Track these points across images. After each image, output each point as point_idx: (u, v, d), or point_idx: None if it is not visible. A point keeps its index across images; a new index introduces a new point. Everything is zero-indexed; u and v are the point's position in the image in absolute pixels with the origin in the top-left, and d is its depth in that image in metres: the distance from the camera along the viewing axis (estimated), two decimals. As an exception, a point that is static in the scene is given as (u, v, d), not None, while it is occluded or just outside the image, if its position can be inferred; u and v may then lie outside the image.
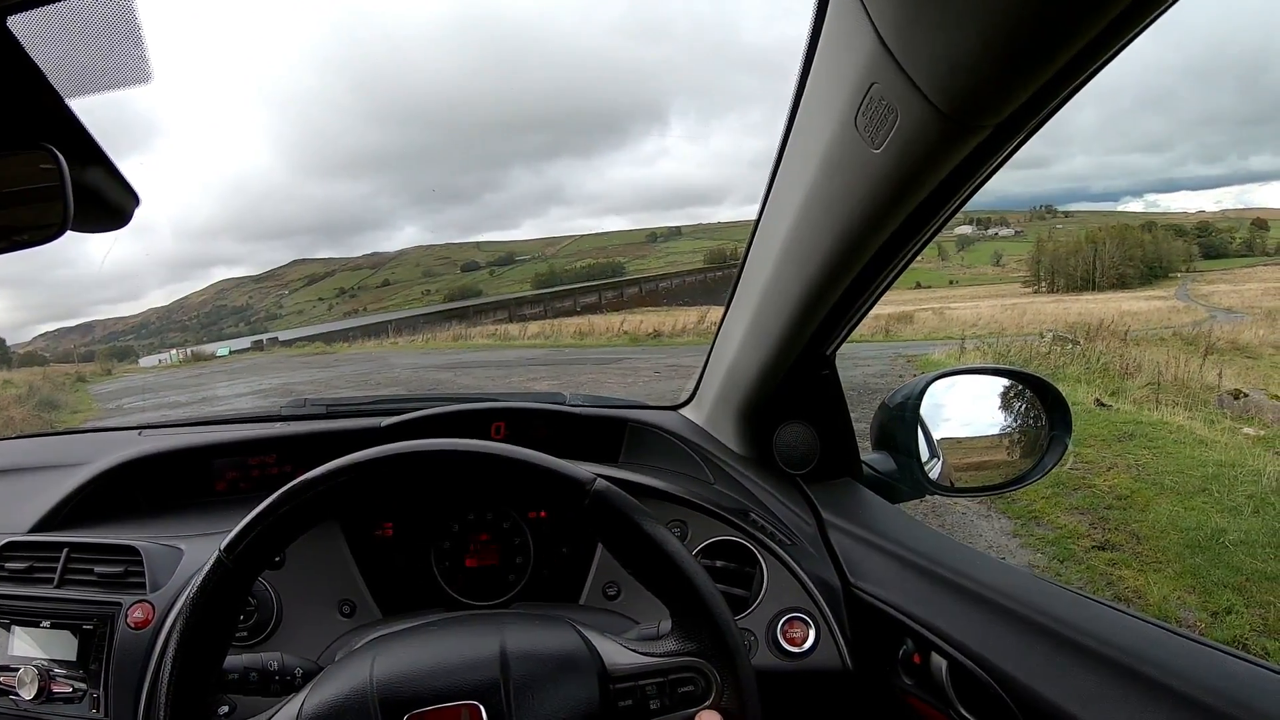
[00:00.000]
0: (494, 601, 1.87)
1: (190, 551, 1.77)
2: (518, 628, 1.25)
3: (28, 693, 1.62)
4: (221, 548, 1.17)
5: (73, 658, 1.65)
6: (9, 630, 1.70)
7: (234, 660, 1.26)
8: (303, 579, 1.74)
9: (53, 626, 1.68)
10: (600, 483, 1.19)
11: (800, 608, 1.74)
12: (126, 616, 1.65)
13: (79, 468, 2.11)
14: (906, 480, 2.05)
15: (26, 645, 1.68)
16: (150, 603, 1.66)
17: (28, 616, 1.70)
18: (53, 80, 1.08)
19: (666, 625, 1.26)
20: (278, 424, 2.33)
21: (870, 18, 1.01)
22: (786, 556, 1.79)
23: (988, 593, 1.50)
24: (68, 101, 1.11)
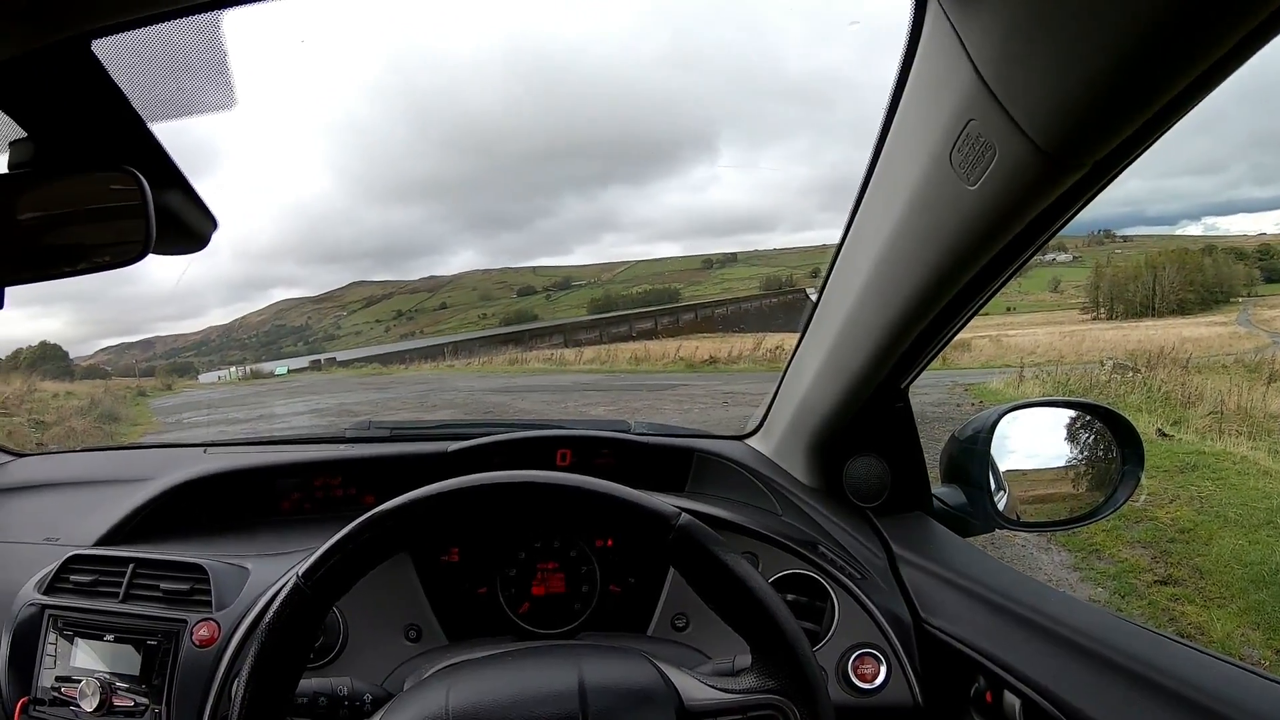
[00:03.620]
0: (559, 630, 1.85)
1: (256, 571, 1.77)
2: (595, 661, 1.24)
3: (89, 704, 1.61)
4: (300, 574, 1.16)
5: (135, 672, 1.66)
6: (72, 642, 1.70)
7: (303, 684, 1.26)
8: (369, 603, 1.73)
9: (116, 640, 1.69)
10: (684, 517, 1.17)
11: (871, 643, 1.71)
12: (191, 634, 1.65)
13: (145, 483, 2.13)
14: (977, 514, 2.01)
15: (89, 657, 1.68)
16: (216, 621, 1.67)
17: (91, 629, 1.70)
18: (135, 104, 1.10)
19: (743, 660, 1.24)
20: (342, 445, 2.35)
21: (969, 55, 1.00)
22: (858, 590, 1.76)
23: (1063, 630, 1.47)
24: (149, 125, 1.13)
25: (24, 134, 1.11)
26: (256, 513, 2.19)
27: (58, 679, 1.68)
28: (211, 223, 1.30)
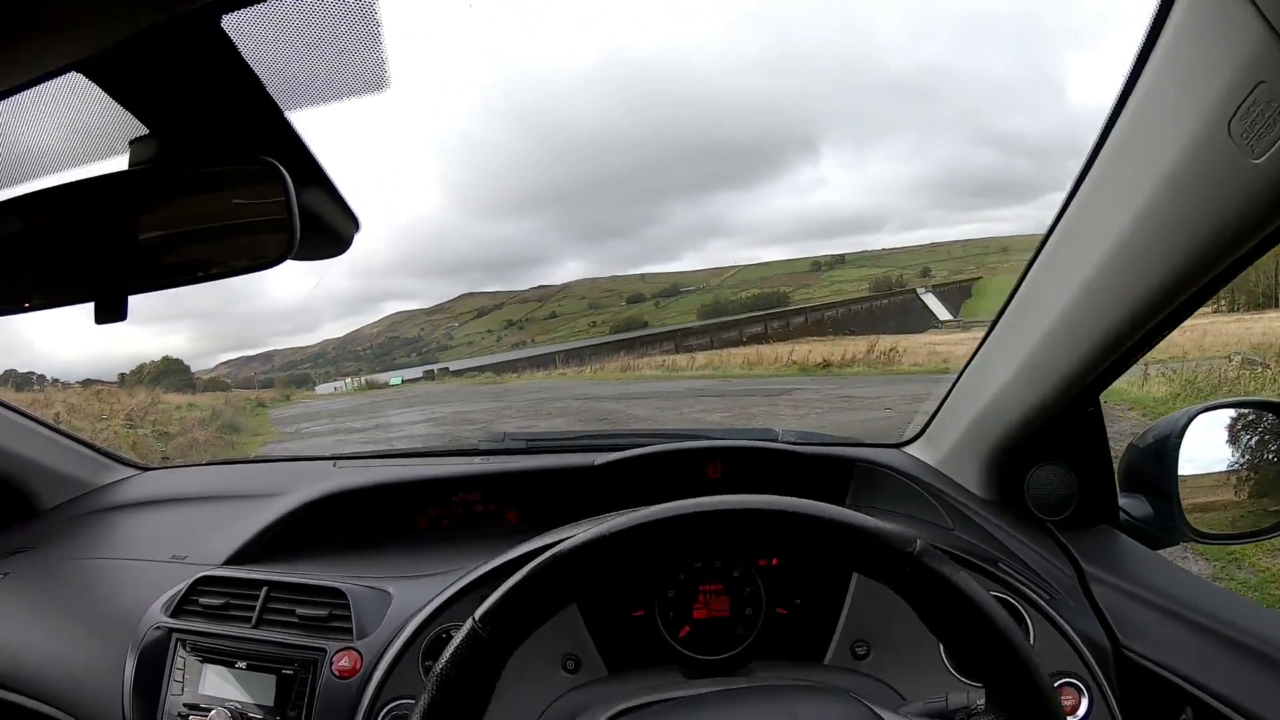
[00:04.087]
0: (723, 656, 1.71)
1: (399, 597, 1.67)
2: (809, 705, 1.12)
3: None
4: (476, 617, 1.03)
5: (270, 702, 1.58)
6: (201, 667, 1.63)
7: None
8: None
9: (249, 668, 1.61)
10: (921, 543, 1.02)
11: (1071, 671, 1.54)
12: (331, 664, 1.57)
13: (275, 499, 2.05)
14: (1164, 527, 1.83)
15: (219, 685, 1.61)
16: (357, 650, 1.58)
17: (222, 655, 1.63)
18: (270, 88, 0.97)
19: (958, 698, 1.14)
20: (476, 459, 2.24)
21: (1259, 8, 0.85)
22: (1053, 612, 1.59)
23: None
24: (286, 113, 1.01)
25: (145, 129, 0.99)
26: (390, 530, 2.11)
27: (186, 706, 1.61)
28: (354, 223, 1.15)
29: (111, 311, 1.01)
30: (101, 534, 2.22)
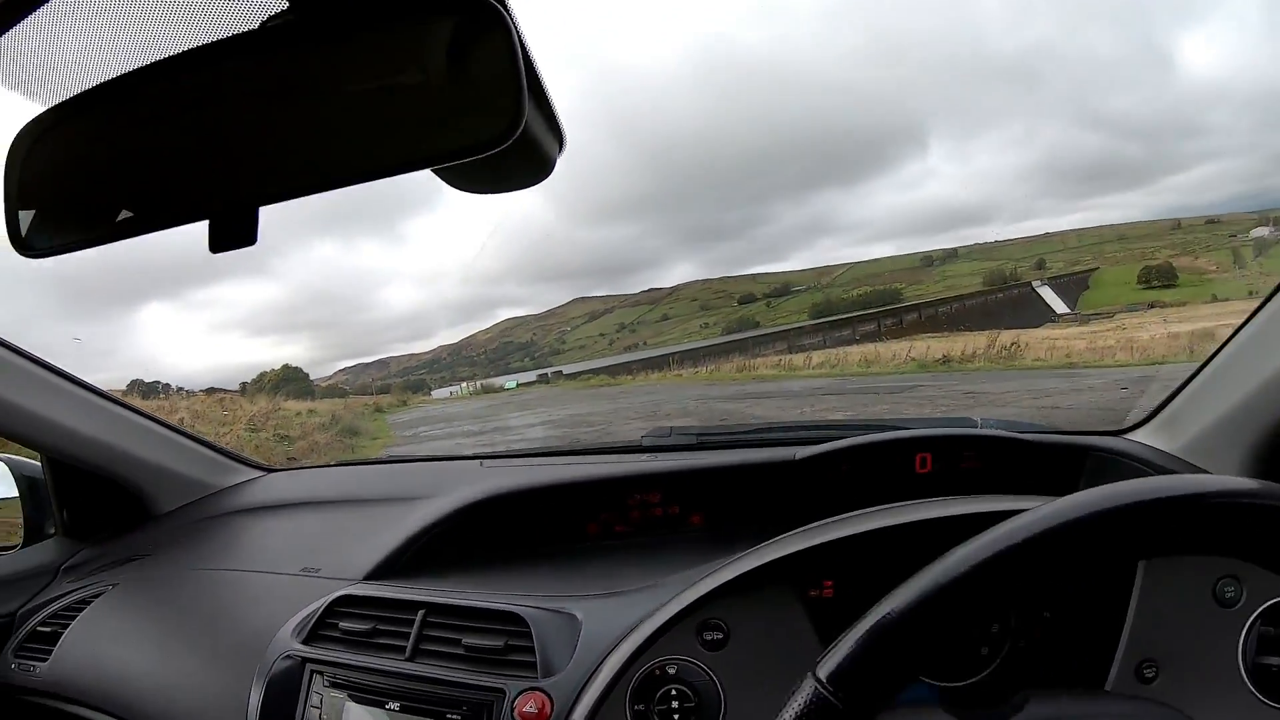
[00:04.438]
0: (971, 681, 1.35)
1: (589, 622, 1.34)
2: None
3: None
4: (824, 678, 0.75)
5: None
6: (343, 705, 1.35)
7: None
8: (747, 658, 1.24)
9: (403, 710, 1.31)
10: None
11: None
12: (514, 711, 1.24)
13: (420, 503, 1.78)
14: None
15: None
16: (545, 693, 1.25)
17: (369, 693, 1.34)
18: None
19: None
20: (643, 456, 1.93)
21: None
22: None
23: None
24: None
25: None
26: (556, 539, 1.81)
27: None
28: (559, 141, 0.87)
29: (236, 233, 0.74)
30: (223, 541, 2.00)
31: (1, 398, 1.77)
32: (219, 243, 0.75)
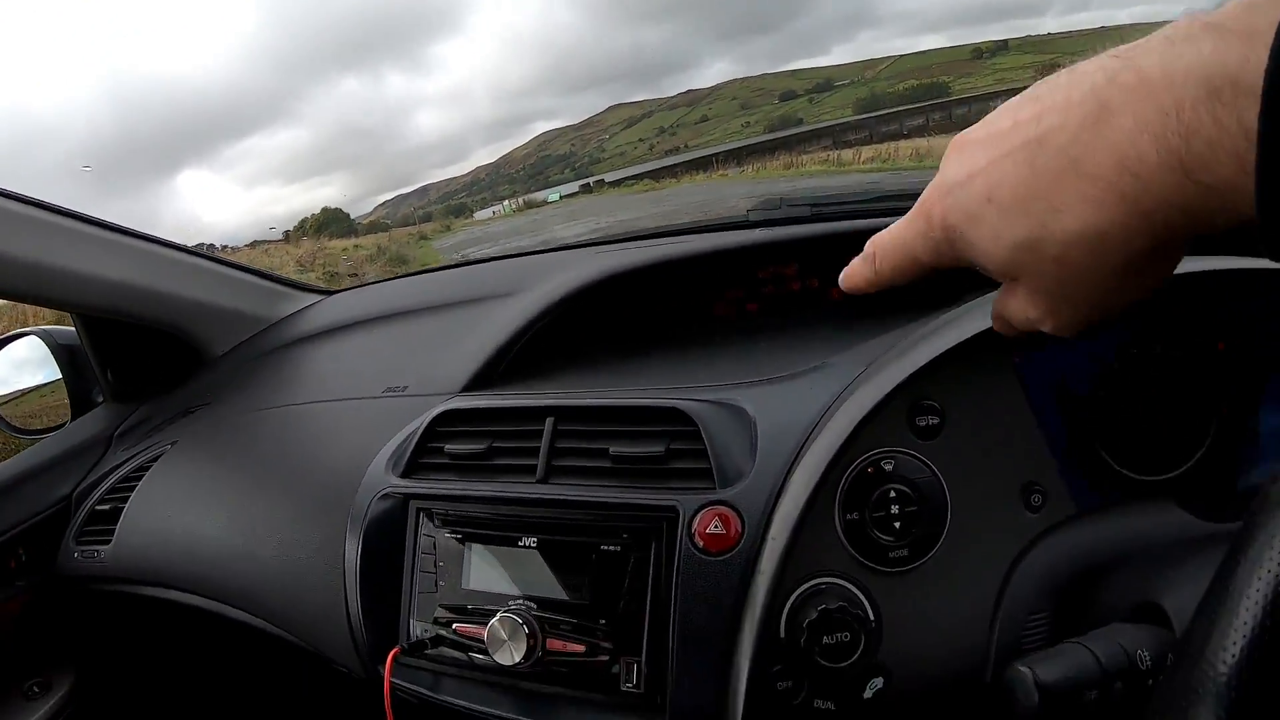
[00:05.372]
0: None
1: (762, 415, 1.01)
2: None
3: (507, 656, 0.95)
4: None
5: (586, 600, 0.97)
6: (463, 548, 1.06)
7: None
8: (965, 446, 0.92)
9: (543, 546, 1.01)
10: None
11: None
12: (692, 530, 0.92)
13: (514, 298, 1.48)
14: None
15: (495, 573, 1.03)
16: (732, 507, 0.92)
17: (495, 529, 1.05)
18: None
19: None
20: (757, 231, 1.53)
21: None
22: None
23: None
24: None
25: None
26: (680, 324, 1.50)
27: (446, 610, 1.06)
28: None
29: None
30: (288, 374, 1.72)
31: (15, 258, 1.48)
32: None
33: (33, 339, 1.89)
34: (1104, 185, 0.45)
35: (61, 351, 1.89)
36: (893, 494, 0.87)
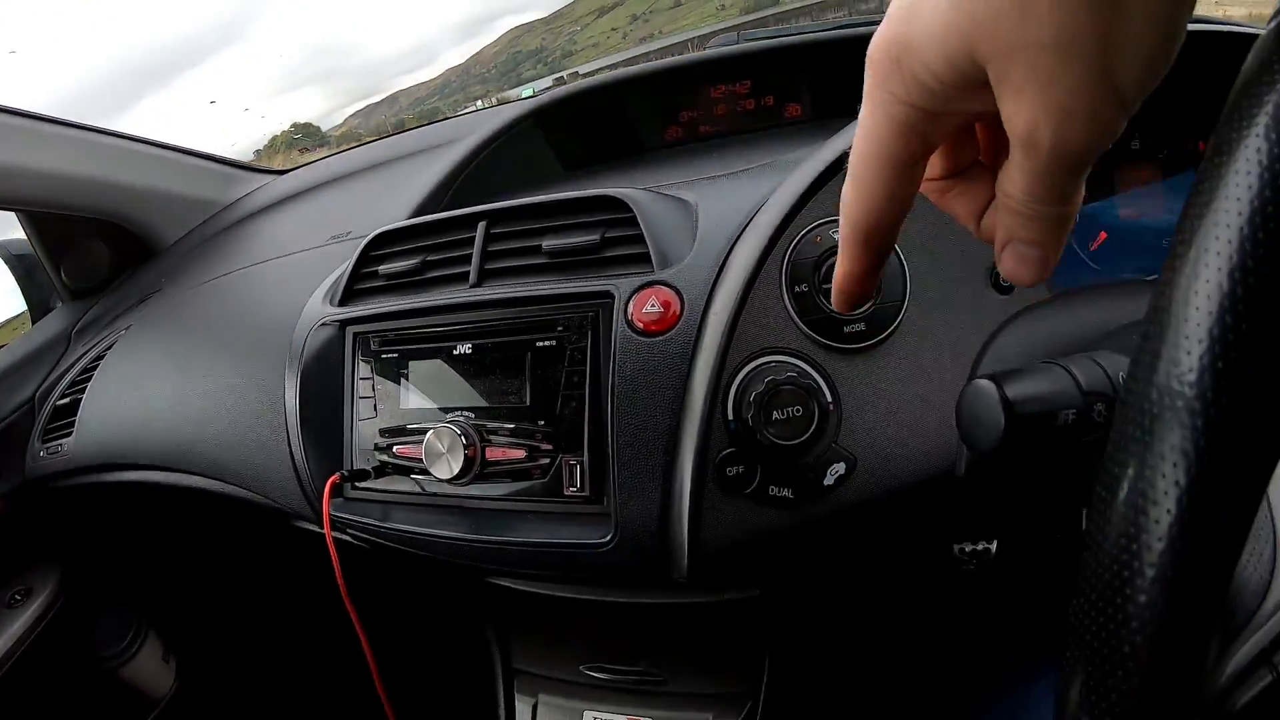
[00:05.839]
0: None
1: (705, 204, 0.97)
2: None
3: (444, 469, 0.94)
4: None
5: (524, 401, 0.94)
6: (400, 372, 1.03)
7: None
8: (923, 227, 0.87)
9: (476, 352, 0.98)
10: None
11: None
12: (628, 314, 0.87)
13: (459, 142, 1.44)
14: None
15: (434, 388, 1.01)
16: (670, 286, 0.87)
17: (429, 342, 1.01)
18: None
19: None
20: (709, 51, 1.48)
21: None
22: None
23: None
24: None
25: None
26: (631, 152, 1.47)
27: (384, 433, 1.03)
28: None
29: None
30: (237, 245, 1.68)
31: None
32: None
33: (-15, 252, 1.85)
34: None
35: (15, 261, 1.85)
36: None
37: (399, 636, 1.11)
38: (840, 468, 0.82)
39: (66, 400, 1.54)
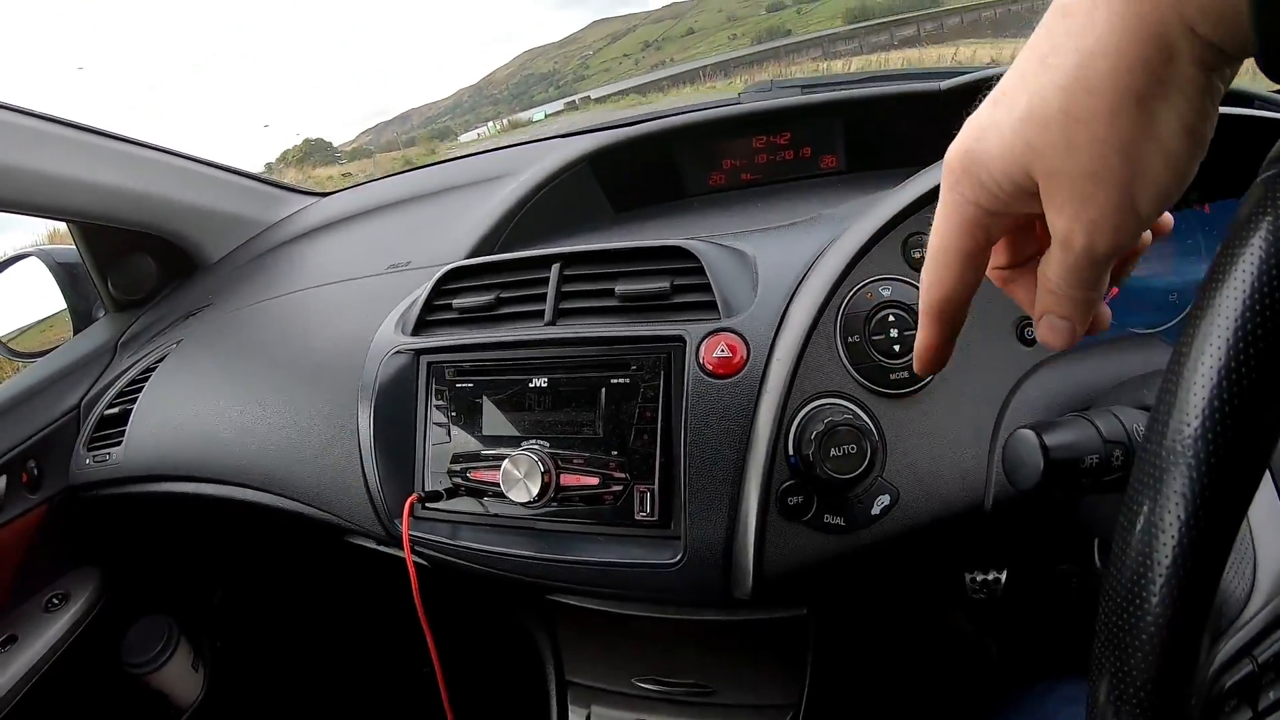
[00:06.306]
0: None
1: (763, 256, 1.04)
2: None
3: (521, 493, 0.99)
4: None
5: (598, 433, 1.01)
6: (476, 401, 1.08)
7: None
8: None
9: (551, 386, 1.04)
10: None
11: None
12: (699, 357, 0.95)
13: (512, 178, 1.52)
14: None
15: (506, 418, 1.07)
16: (737, 333, 0.95)
17: (506, 374, 1.07)
18: None
19: None
20: (748, 104, 1.56)
21: None
22: None
23: None
24: None
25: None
26: (677, 196, 1.56)
27: (459, 458, 1.08)
28: None
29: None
30: (289, 266, 1.73)
31: (8, 166, 1.48)
32: None
33: (33, 260, 1.88)
34: (1085, 9, 0.43)
35: (60, 270, 1.89)
36: (890, 317, 0.94)
37: (453, 651, 1.16)
38: (886, 499, 0.91)
39: (116, 410, 1.57)
